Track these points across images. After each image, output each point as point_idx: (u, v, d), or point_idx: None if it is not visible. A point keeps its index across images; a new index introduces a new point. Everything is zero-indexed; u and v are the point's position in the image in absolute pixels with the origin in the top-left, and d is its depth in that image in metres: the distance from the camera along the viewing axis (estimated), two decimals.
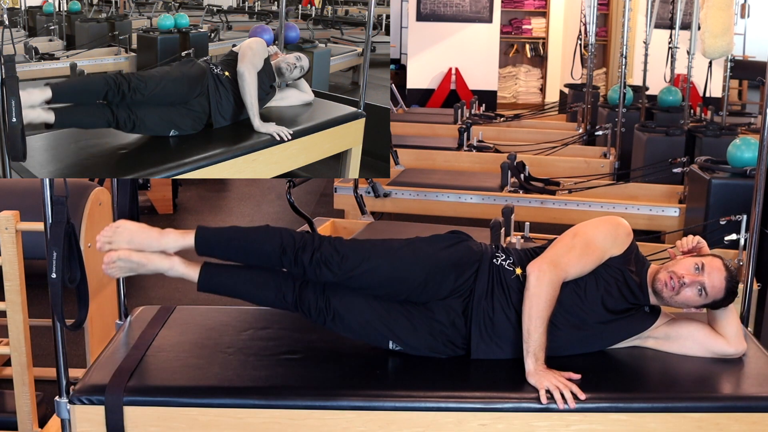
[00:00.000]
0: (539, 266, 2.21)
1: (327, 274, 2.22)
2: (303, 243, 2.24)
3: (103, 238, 2.26)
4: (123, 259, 2.24)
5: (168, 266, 2.28)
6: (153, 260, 2.27)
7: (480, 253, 2.31)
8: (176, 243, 2.28)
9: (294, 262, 2.22)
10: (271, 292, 2.27)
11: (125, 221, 2.29)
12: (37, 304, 3.08)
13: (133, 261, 2.25)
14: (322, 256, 2.22)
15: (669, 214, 4.61)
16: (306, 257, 2.21)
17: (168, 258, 2.28)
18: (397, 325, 2.25)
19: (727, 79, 5.75)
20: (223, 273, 2.30)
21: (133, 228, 2.27)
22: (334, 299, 2.25)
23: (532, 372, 2.13)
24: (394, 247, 2.29)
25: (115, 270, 2.24)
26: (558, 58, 10.99)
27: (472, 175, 5.41)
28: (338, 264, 2.22)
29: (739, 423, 2.10)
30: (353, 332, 2.28)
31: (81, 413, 2.08)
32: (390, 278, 2.24)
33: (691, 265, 2.24)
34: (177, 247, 2.28)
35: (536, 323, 2.16)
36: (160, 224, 5.96)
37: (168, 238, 2.27)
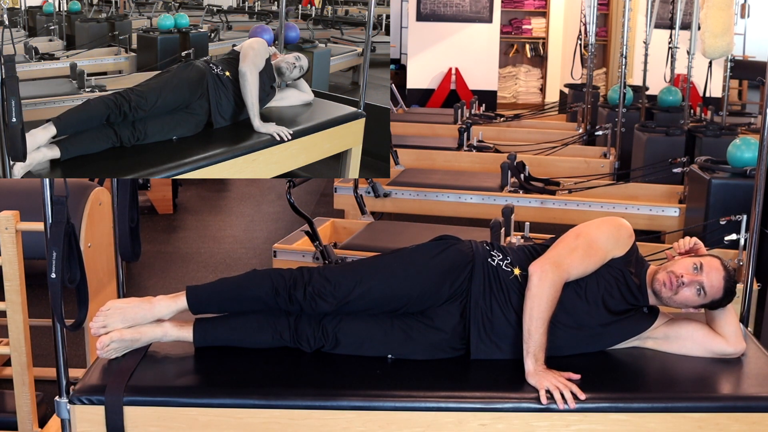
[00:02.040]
0: (542, 267, 2.20)
1: (323, 305, 2.23)
2: (293, 280, 2.24)
3: (97, 323, 2.24)
4: (116, 340, 2.23)
5: (161, 334, 2.28)
6: (146, 333, 2.26)
7: (471, 254, 2.31)
8: (169, 309, 2.28)
9: (289, 300, 2.24)
10: (267, 334, 2.28)
11: (113, 301, 2.29)
12: (37, 304, 3.08)
13: (127, 339, 2.24)
14: (314, 289, 2.22)
15: (669, 214, 4.62)
16: (299, 294, 2.23)
17: (159, 326, 2.28)
18: (396, 342, 2.26)
19: (727, 79, 5.75)
20: (217, 327, 2.30)
21: (122, 306, 2.26)
22: (330, 326, 2.26)
23: (532, 372, 2.13)
24: (384, 265, 2.30)
25: (111, 352, 2.23)
26: (558, 58, 10.99)
27: (472, 175, 5.41)
28: (332, 293, 2.22)
29: (739, 423, 2.10)
30: (353, 352, 2.28)
31: (81, 413, 2.08)
32: (385, 297, 2.25)
33: (689, 265, 2.24)
34: (171, 313, 2.29)
35: (537, 324, 2.16)
36: (160, 224, 5.96)
37: (160, 306, 2.28)
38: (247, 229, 5.77)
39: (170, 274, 4.76)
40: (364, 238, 3.91)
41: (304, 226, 3.70)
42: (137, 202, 2.60)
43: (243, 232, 5.69)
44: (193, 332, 2.29)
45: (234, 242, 5.44)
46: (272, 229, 5.75)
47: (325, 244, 3.60)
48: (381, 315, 2.27)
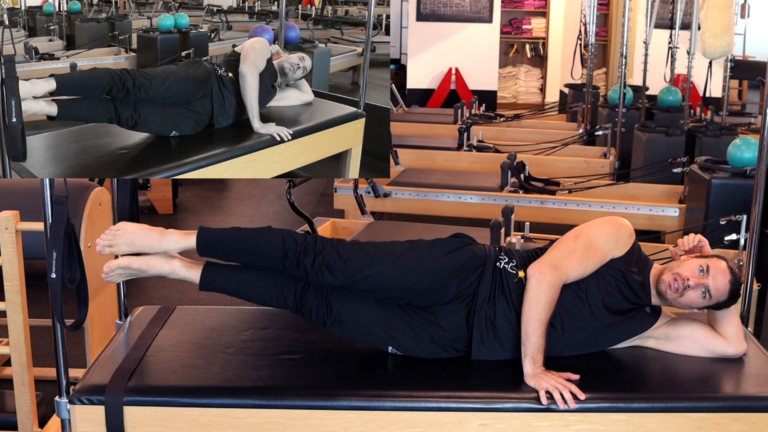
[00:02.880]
0: (540, 268, 2.20)
1: (329, 278, 2.21)
2: (305, 246, 2.22)
3: (104, 241, 2.24)
4: (123, 266, 2.23)
5: (169, 270, 2.27)
6: (153, 265, 2.26)
7: (484, 257, 2.30)
8: (177, 244, 2.26)
9: (296, 265, 2.21)
10: (273, 293, 2.27)
11: (125, 223, 2.28)
12: (37, 304, 3.08)
13: (134, 268, 2.24)
14: (324, 260, 2.20)
15: (669, 214, 4.62)
16: (308, 261, 2.20)
17: (168, 261, 2.27)
18: (397, 332, 2.25)
19: (727, 79, 5.75)
20: (225, 274, 2.30)
21: (133, 230, 2.26)
22: (335, 303, 2.25)
23: (531, 375, 2.13)
24: (397, 252, 2.27)
25: (115, 277, 2.23)
26: (558, 58, 10.99)
27: (472, 175, 5.41)
28: (340, 268, 2.20)
29: (739, 423, 2.10)
30: (353, 336, 2.29)
31: (81, 413, 2.08)
32: (393, 283, 2.23)
33: (695, 267, 2.23)
34: (178, 249, 2.27)
35: (535, 326, 2.15)
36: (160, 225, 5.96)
37: (169, 239, 2.26)
38: None
39: None
40: (364, 238, 3.91)
41: (304, 226, 3.69)
42: (137, 202, 2.60)
43: None
44: (201, 273, 2.27)
45: None
46: None
47: None
48: (386, 302, 2.26)
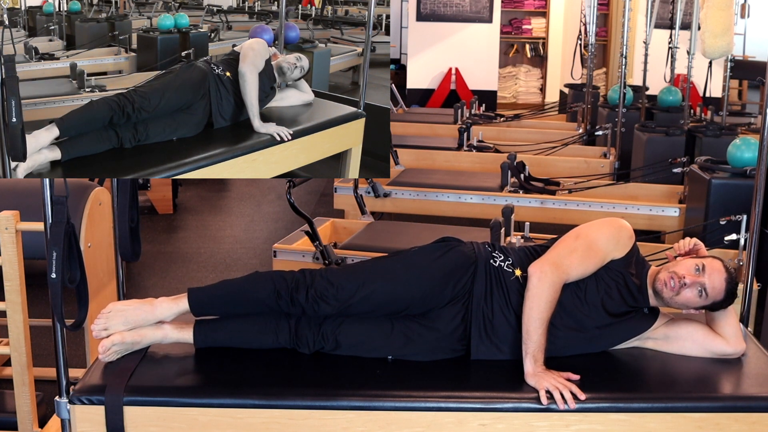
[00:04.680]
0: (541, 267, 2.20)
1: (325, 308, 2.23)
2: (295, 283, 2.24)
3: (98, 325, 2.24)
4: (117, 343, 2.23)
5: (162, 336, 2.28)
6: (146, 335, 2.27)
7: (474, 256, 2.31)
8: (170, 311, 2.28)
9: (291, 303, 2.23)
10: (268, 336, 2.28)
11: (114, 303, 2.29)
12: (37, 304, 3.08)
13: (128, 342, 2.24)
14: (317, 292, 2.22)
15: (669, 214, 4.62)
16: (301, 296, 2.22)
17: (160, 328, 2.28)
18: (396, 344, 2.26)
19: (727, 79, 5.75)
20: (217, 329, 2.30)
21: (124, 308, 2.27)
22: (330, 329, 2.26)
23: (531, 373, 2.13)
24: (386, 268, 2.29)
25: (113, 355, 2.23)
26: (558, 58, 10.99)
27: (472, 175, 5.41)
28: (334, 296, 2.22)
29: (739, 423, 2.10)
30: (353, 353, 2.28)
31: (81, 413, 2.08)
32: (388, 299, 2.25)
33: (691, 266, 2.24)
34: (172, 315, 2.29)
35: (536, 324, 2.16)
36: (160, 224, 5.96)
37: (161, 307, 2.28)
38: (247, 229, 5.77)
39: (170, 274, 4.76)
40: (364, 238, 3.91)
41: (304, 226, 3.70)
42: (137, 202, 2.60)
43: (243, 232, 5.68)
44: (194, 335, 2.29)
45: (234, 242, 5.44)
46: (272, 229, 5.75)
47: (325, 244, 3.60)
48: (381, 317, 2.27)
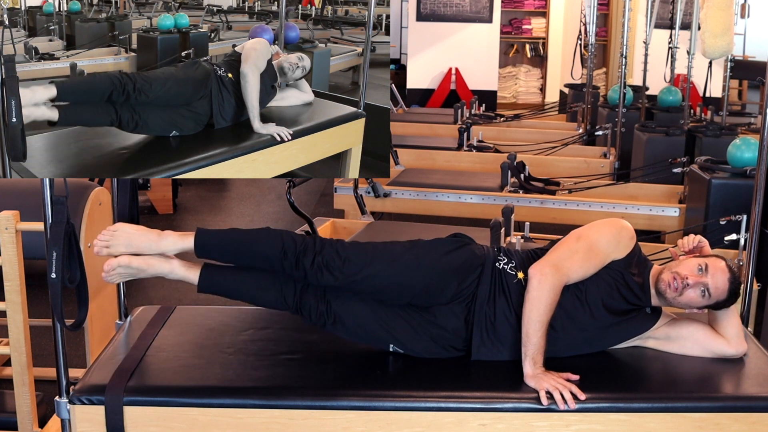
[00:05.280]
0: (541, 269, 2.20)
1: (328, 278, 2.21)
2: (304, 246, 2.22)
3: (101, 242, 2.24)
4: (123, 265, 2.23)
5: (168, 269, 2.27)
6: (153, 264, 2.25)
7: (483, 257, 2.30)
8: (175, 245, 2.26)
9: (295, 265, 2.21)
10: (272, 294, 2.26)
11: (123, 224, 2.28)
12: (37, 304, 3.08)
13: (133, 267, 2.24)
14: (324, 260, 2.20)
15: (669, 214, 4.61)
16: (307, 261, 2.20)
17: (167, 261, 2.27)
18: (397, 329, 2.24)
19: (727, 79, 5.75)
20: (224, 274, 2.29)
21: (131, 231, 2.25)
22: (335, 303, 2.24)
23: (531, 375, 2.13)
24: (396, 252, 2.27)
25: (115, 276, 2.23)
26: (558, 58, 10.99)
27: (472, 175, 5.41)
28: (340, 268, 2.20)
29: (739, 423, 2.10)
30: (353, 335, 2.28)
31: (81, 413, 2.08)
32: (392, 283, 2.23)
33: (694, 266, 2.24)
34: (176, 250, 2.27)
35: (536, 327, 2.15)
36: (160, 225, 5.96)
37: (167, 240, 2.26)
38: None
39: None
40: (364, 238, 3.91)
41: (304, 226, 3.69)
42: (137, 202, 2.61)
43: None
44: (200, 274, 2.27)
45: None
46: None
47: None
48: (385, 302, 2.25)
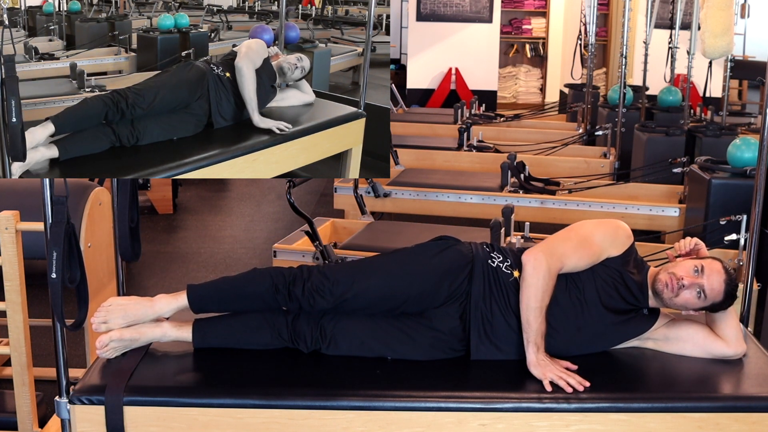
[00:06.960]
0: (535, 255, 2.21)
1: (321, 302, 2.23)
2: (293, 277, 2.25)
3: (98, 319, 2.24)
4: (115, 339, 2.23)
5: (160, 334, 2.28)
6: (144, 332, 2.26)
7: (470, 255, 2.31)
8: (169, 306, 2.28)
9: (288, 297, 2.24)
10: (266, 333, 2.28)
11: (115, 298, 2.30)
12: (37, 304, 3.08)
13: (126, 339, 2.24)
14: (313, 285, 2.23)
15: (669, 214, 4.62)
16: (298, 290, 2.23)
17: (158, 326, 2.28)
18: (394, 342, 2.26)
19: (727, 79, 5.75)
20: (215, 327, 2.30)
21: (124, 302, 2.27)
22: (329, 325, 2.26)
23: (534, 362, 2.14)
24: (383, 264, 2.30)
25: (110, 351, 2.22)
26: (558, 58, 10.99)
27: (472, 175, 5.41)
28: (330, 290, 2.23)
29: (739, 423, 2.10)
30: (351, 353, 2.28)
31: (81, 413, 2.08)
32: (384, 296, 2.25)
33: (690, 268, 2.24)
34: (171, 311, 2.29)
35: (535, 313, 2.17)
36: (160, 224, 5.96)
37: (160, 303, 2.28)
38: (247, 229, 5.77)
39: (170, 274, 4.76)
40: (364, 238, 3.91)
41: (304, 226, 3.69)
42: (137, 202, 2.60)
43: (243, 232, 5.69)
44: (192, 333, 2.29)
45: (234, 242, 5.44)
46: (272, 229, 5.75)
47: (325, 244, 3.60)
48: (379, 315, 2.27)
